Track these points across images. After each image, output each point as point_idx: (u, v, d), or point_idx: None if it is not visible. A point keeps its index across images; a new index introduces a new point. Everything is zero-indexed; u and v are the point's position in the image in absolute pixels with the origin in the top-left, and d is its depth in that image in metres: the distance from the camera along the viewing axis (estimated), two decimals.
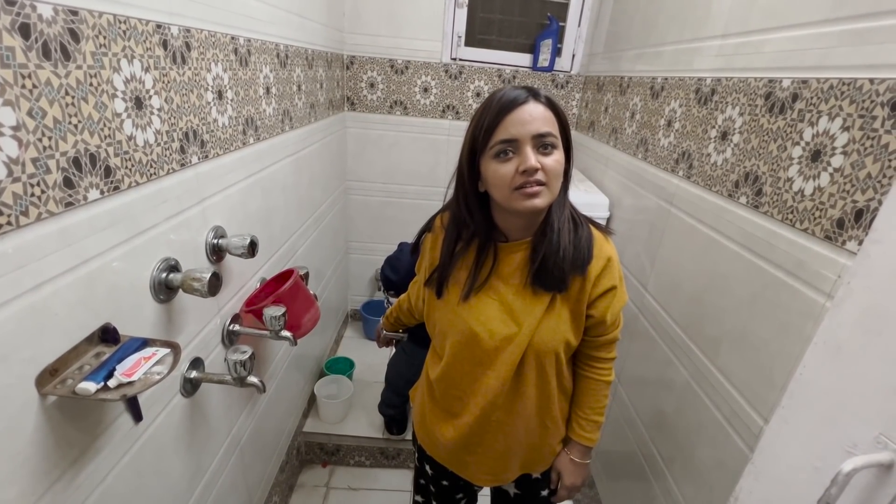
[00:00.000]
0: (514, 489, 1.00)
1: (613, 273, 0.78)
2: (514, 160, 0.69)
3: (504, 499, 1.02)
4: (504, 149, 0.69)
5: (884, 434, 0.42)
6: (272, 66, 1.14)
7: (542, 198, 0.70)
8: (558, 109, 0.72)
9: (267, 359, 1.28)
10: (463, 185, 0.76)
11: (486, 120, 0.69)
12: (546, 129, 0.68)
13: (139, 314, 0.69)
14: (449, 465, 0.95)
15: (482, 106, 0.72)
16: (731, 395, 0.88)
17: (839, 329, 0.46)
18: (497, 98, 0.70)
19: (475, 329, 0.78)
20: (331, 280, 2.00)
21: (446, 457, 0.94)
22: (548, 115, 0.70)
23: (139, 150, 0.66)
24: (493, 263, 0.79)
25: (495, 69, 1.99)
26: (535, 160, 0.67)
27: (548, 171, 0.69)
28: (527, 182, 0.68)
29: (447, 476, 1.00)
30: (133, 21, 0.63)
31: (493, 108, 0.69)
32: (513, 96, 0.69)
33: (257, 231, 1.10)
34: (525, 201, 0.69)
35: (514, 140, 0.68)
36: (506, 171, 0.69)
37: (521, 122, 0.68)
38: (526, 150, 0.68)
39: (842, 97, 0.70)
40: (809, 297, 0.72)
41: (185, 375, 0.83)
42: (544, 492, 0.98)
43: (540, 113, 0.69)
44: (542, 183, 0.69)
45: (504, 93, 0.70)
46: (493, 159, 0.70)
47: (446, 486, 1.03)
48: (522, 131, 0.68)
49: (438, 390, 0.89)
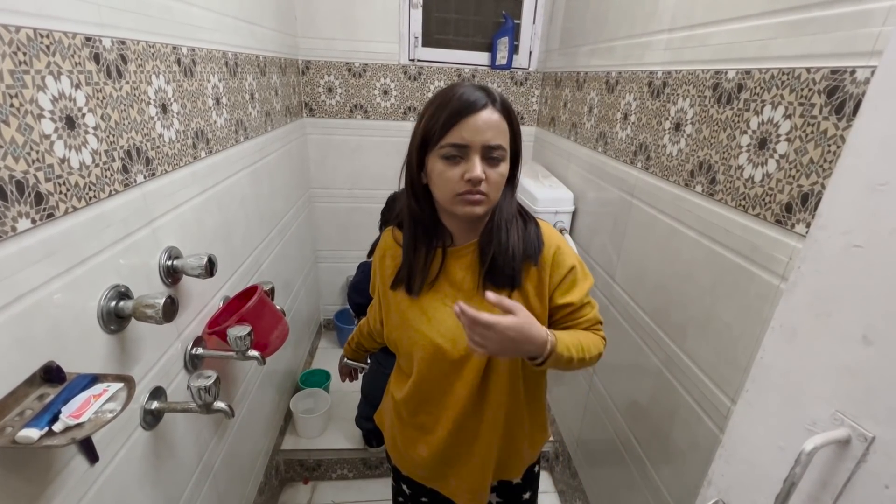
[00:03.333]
0: (495, 499, 0.99)
1: (568, 256, 0.78)
2: (461, 166, 0.68)
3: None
4: (453, 153, 0.68)
5: (840, 411, 0.44)
6: (221, 75, 1.09)
7: (482, 207, 0.71)
8: (512, 117, 0.72)
9: (236, 379, 1.23)
10: (411, 174, 0.76)
11: (443, 117, 0.68)
12: (497, 141, 0.69)
13: (88, 348, 0.65)
14: (429, 483, 0.93)
15: (440, 98, 0.70)
16: (700, 378, 0.91)
17: (793, 313, 0.48)
18: (457, 96, 0.68)
19: (437, 341, 0.78)
20: (301, 291, 1.95)
21: (426, 475, 0.92)
22: (502, 126, 0.70)
23: (74, 173, 0.61)
24: (442, 265, 0.79)
25: (454, 69, 1.99)
26: (480, 171, 0.67)
27: (491, 183, 0.70)
28: (470, 191, 0.69)
29: (426, 493, 0.99)
30: (57, 35, 0.58)
31: (450, 106, 0.68)
32: (473, 99, 0.68)
33: (216, 248, 1.06)
34: (465, 207, 0.70)
35: (465, 146, 0.68)
36: (451, 174, 0.69)
37: (475, 130, 0.67)
38: (474, 159, 0.68)
39: (782, 86, 0.73)
40: (765, 279, 0.75)
41: (146, 407, 0.79)
42: (525, 495, 0.98)
43: (495, 123, 0.68)
44: (483, 193, 0.70)
45: (464, 92, 0.69)
46: (441, 159, 0.69)
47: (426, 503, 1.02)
48: (475, 139, 0.67)
49: (407, 410, 0.88)
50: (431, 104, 0.71)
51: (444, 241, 0.79)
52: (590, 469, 1.47)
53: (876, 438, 0.40)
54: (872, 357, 0.40)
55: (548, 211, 1.54)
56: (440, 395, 0.82)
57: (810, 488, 0.46)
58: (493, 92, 0.71)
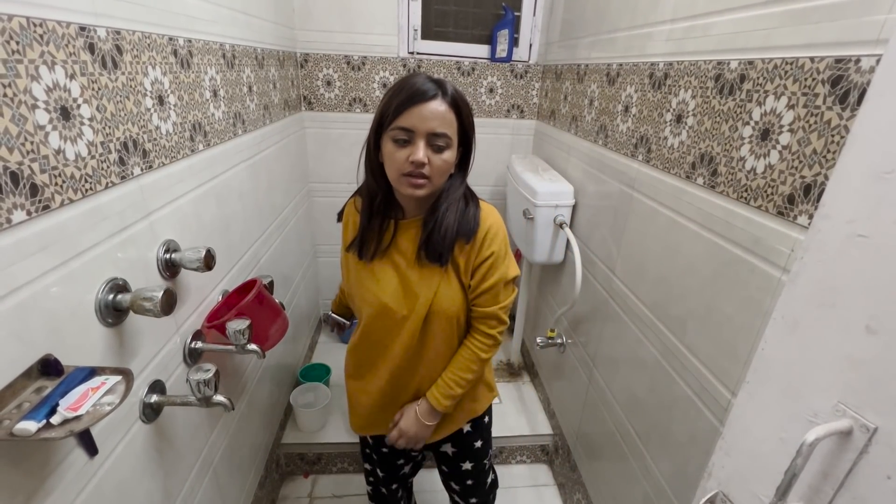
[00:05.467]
0: (450, 448, 1.11)
1: (493, 241, 0.87)
2: (407, 149, 0.77)
3: (444, 459, 1.15)
4: (401, 136, 0.77)
5: (842, 402, 0.43)
6: (218, 67, 1.08)
7: (424, 189, 0.80)
8: (462, 110, 0.80)
9: (236, 373, 1.23)
10: (369, 152, 0.85)
11: (395, 103, 0.76)
12: (442, 129, 0.77)
13: (85, 341, 0.65)
14: (371, 431, 1.06)
15: (396, 86, 0.78)
16: (699, 370, 0.91)
17: (795, 303, 0.47)
18: (409, 85, 0.76)
19: (384, 300, 0.89)
20: (300, 285, 1.95)
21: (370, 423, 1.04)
22: (448, 117, 0.77)
23: (70, 165, 0.61)
24: (393, 236, 0.89)
25: (454, 62, 1.98)
26: (423, 155, 0.76)
27: (433, 168, 0.78)
28: (412, 172, 0.77)
29: (381, 442, 1.11)
30: (51, 24, 0.57)
31: (403, 93, 0.76)
32: (424, 89, 0.76)
33: (215, 241, 1.05)
34: (408, 188, 0.79)
35: (412, 131, 0.76)
36: (399, 156, 0.77)
37: (421, 118, 0.75)
38: (419, 143, 0.76)
39: (785, 76, 0.72)
40: (766, 271, 0.75)
41: (145, 400, 0.78)
42: (477, 443, 1.10)
43: (441, 113, 0.76)
44: (425, 176, 0.78)
45: (417, 82, 0.76)
46: (391, 141, 0.78)
47: (386, 453, 1.13)
48: (421, 126, 0.75)
49: (354, 360, 1.01)
50: (389, 91, 0.80)
51: (397, 214, 0.90)
52: (589, 462, 1.47)
53: (878, 429, 0.40)
54: (876, 347, 0.40)
55: (548, 204, 1.53)
56: (381, 350, 0.94)
57: (811, 479, 0.46)
58: (446, 85, 0.78)
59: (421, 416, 0.96)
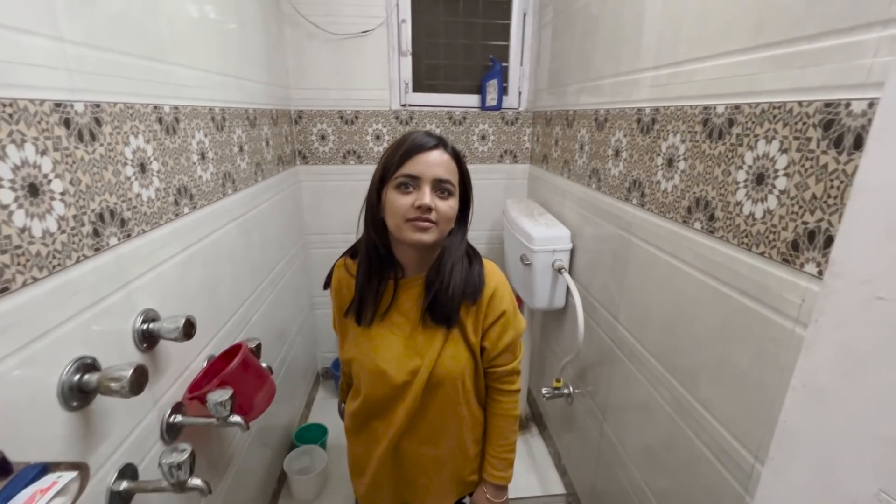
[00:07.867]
0: None
1: (503, 300, 0.86)
2: (413, 194, 0.76)
3: None
4: (406, 182, 0.76)
5: (884, 490, 0.38)
6: (206, 130, 1.09)
7: (430, 234, 0.78)
8: (461, 162, 0.82)
9: (222, 442, 1.15)
10: (370, 208, 0.84)
11: (398, 155, 0.77)
12: (447, 176, 0.78)
13: (44, 430, 0.59)
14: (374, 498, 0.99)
15: (397, 141, 0.80)
16: (717, 429, 0.84)
17: (817, 372, 0.43)
18: (410, 139, 0.78)
19: (382, 367, 0.85)
20: (296, 339, 1.89)
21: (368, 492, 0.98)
22: (451, 166, 0.79)
23: (36, 242, 0.58)
24: (394, 296, 0.87)
25: (445, 112, 2.02)
26: (430, 199, 0.75)
27: (440, 213, 0.77)
28: (419, 217, 0.76)
29: None
30: (22, 103, 0.57)
31: (405, 146, 0.77)
32: (425, 140, 0.78)
33: (200, 305, 1.01)
34: (414, 233, 0.77)
35: (417, 177, 0.76)
36: (403, 202, 0.76)
37: (426, 164, 0.76)
38: (425, 188, 0.76)
39: (775, 120, 0.70)
40: (778, 322, 0.70)
41: (113, 489, 0.72)
42: None
43: (444, 161, 0.78)
44: (432, 221, 0.77)
45: (418, 136, 0.79)
46: (395, 189, 0.77)
47: None
48: (426, 172, 0.76)
49: (355, 424, 0.95)
50: (390, 146, 0.81)
51: (396, 273, 0.87)
52: None
53: None
54: None
55: (545, 249, 1.50)
56: (384, 415, 0.90)
57: None
58: (445, 139, 0.81)
59: (493, 497, 0.95)
